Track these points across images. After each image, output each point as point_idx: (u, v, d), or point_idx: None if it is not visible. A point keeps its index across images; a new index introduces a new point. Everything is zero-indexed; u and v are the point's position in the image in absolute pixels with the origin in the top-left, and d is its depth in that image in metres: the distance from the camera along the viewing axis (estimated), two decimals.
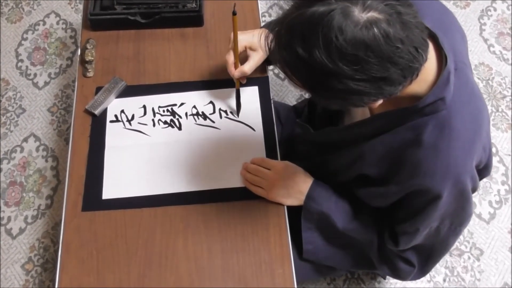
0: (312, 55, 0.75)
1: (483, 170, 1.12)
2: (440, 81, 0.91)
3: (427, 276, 1.74)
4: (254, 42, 1.26)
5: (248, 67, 1.27)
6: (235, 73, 1.26)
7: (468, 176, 0.99)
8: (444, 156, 0.94)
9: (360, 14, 0.74)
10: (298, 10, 0.78)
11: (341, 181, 1.18)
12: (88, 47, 1.42)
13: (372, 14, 0.74)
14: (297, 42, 0.77)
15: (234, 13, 1.11)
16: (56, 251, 1.72)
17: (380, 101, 0.85)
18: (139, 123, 1.32)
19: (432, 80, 0.92)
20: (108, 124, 1.32)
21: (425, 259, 1.19)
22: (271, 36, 0.84)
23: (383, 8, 0.75)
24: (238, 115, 1.33)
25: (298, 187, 1.20)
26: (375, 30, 0.73)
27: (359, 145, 1.06)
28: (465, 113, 0.95)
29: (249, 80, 1.35)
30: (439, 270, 1.75)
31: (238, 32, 1.21)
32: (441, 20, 1.04)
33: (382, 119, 1.00)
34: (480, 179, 1.10)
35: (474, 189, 1.05)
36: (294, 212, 1.23)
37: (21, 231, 1.82)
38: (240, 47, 1.25)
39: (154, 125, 1.32)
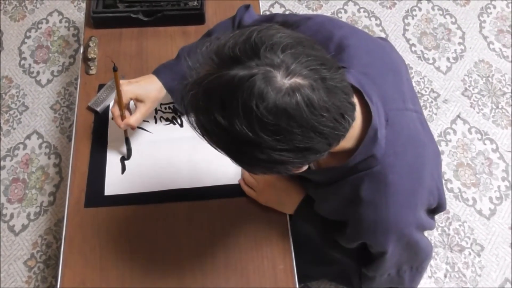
0: (232, 123, 0.69)
1: (436, 209, 1.06)
2: (366, 140, 0.86)
3: (428, 272, 1.74)
4: (140, 93, 1.17)
5: (134, 120, 1.17)
6: (121, 125, 1.18)
7: (413, 227, 0.96)
8: (383, 214, 0.91)
9: (283, 80, 0.68)
10: (218, 71, 0.70)
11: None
12: (91, 44, 1.43)
13: (295, 80, 0.68)
14: (216, 109, 0.70)
15: (115, 69, 1.09)
16: (59, 248, 1.73)
17: (305, 167, 0.81)
18: None
19: (359, 136, 0.87)
20: (110, 121, 1.33)
21: None
22: (188, 95, 0.75)
23: (308, 73, 0.69)
24: (128, 159, 1.29)
25: (290, 198, 1.19)
26: (298, 97, 0.67)
27: (318, 188, 1.05)
28: (401, 165, 0.90)
29: None
30: (440, 266, 1.76)
31: (124, 82, 1.17)
32: (369, 63, 0.97)
33: (324, 173, 0.96)
34: (436, 214, 1.07)
35: (429, 229, 1.03)
36: None
37: (24, 227, 1.83)
38: (125, 99, 1.16)
39: (156, 122, 1.33)
